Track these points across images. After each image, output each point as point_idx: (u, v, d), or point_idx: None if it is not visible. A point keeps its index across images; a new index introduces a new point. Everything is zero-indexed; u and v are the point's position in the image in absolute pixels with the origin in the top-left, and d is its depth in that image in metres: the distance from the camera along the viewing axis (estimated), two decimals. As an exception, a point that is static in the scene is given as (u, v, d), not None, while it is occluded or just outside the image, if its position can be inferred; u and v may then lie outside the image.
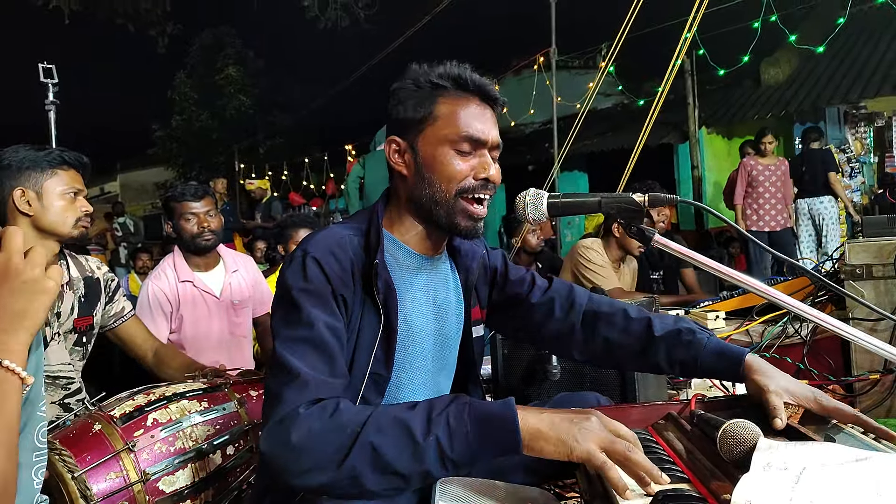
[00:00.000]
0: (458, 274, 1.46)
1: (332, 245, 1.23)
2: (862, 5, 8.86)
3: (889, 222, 2.58)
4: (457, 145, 1.27)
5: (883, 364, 2.30)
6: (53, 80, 3.58)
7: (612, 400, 1.61)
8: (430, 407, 1.04)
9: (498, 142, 1.32)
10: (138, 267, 7.75)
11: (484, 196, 1.30)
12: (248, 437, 1.65)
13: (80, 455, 1.39)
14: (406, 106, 1.30)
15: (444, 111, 1.28)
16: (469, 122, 1.27)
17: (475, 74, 1.30)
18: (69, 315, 2.02)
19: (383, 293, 1.24)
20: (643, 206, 1.28)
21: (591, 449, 0.96)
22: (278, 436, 1.04)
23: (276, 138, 19.16)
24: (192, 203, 2.73)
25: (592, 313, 1.48)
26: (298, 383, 1.08)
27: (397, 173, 1.33)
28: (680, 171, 10.97)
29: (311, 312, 1.16)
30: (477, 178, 1.28)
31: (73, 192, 1.96)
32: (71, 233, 1.95)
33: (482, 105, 1.31)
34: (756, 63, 10.18)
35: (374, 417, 1.03)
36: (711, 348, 1.35)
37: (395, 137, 1.32)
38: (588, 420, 1.00)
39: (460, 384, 1.51)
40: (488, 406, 1.03)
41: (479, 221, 1.31)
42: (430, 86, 1.29)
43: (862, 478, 0.86)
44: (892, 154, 9.63)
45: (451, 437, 0.99)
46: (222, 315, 2.82)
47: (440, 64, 1.30)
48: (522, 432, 1.00)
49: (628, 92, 11.20)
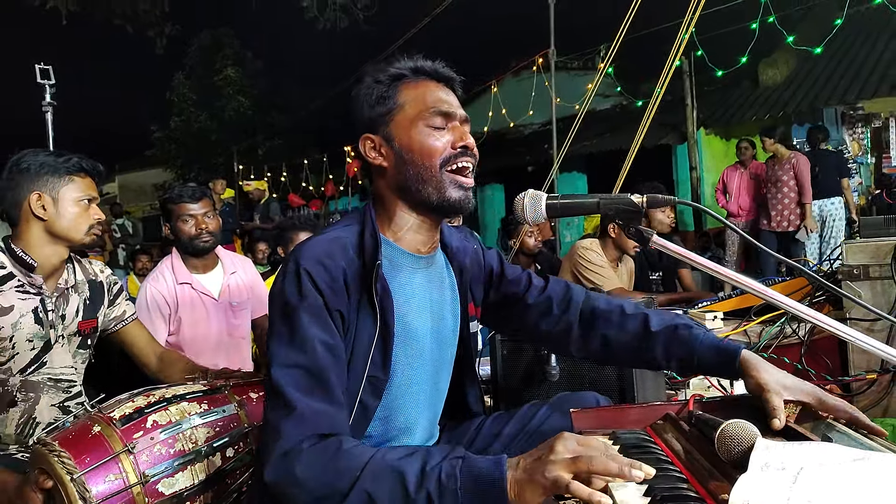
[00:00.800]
0: (452, 271, 1.46)
1: (322, 255, 1.23)
2: (859, 6, 8.87)
3: (886, 223, 2.60)
4: (428, 121, 1.30)
5: (880, 364, 2.31)
6: (51, 80, 3.57)
7: (611, 400, 1.61)
8: (426, 459, 1.05)
9: (466, 116, 1.36)
10: (137, 269, 7.74)
11: (467, 164, 1.32)
12: (247, 439, 1.64)
13: (79, 457, 1.39)
14: (371, 102, 1.33)
15: (408, 96, 1.32)
16: (434, 99, 1.32)
17: (428, 61, 1.36)
18: (74, 318, 2.02)
19: (380, 296, 1.24)
20: (641, 207, 1.29)
21: (556, 478, 0.96)
22: (283, 470, 1.08)
23: (275, 139, 19.13)
24: (190, 205, 2.73)
25: (590, 311, 1.50)
26: (296, 416, 1.10)
27: (377, 169, 1.35)
28: (678, 172, 10.98)
29: (308, 332, 1.17)
30: (454, 147, 1.31)
31: (87, 199, 1.98)
32: (83, 239, 1.97)
33: (441, 86, 1.36)
34: (754, 64, 10.19)
35: (372, 464, 1.05)
36: (708, 343, 1.36)
37: (367, 135, 1.34)
38: (553, 452, 0.99)
39: (457, 382, 1.51)
40: (480, 464, 1.03)
41: (469, 191, 1.33)
42: (390, 78, 1.34)
43: (859, 478, 0.87)
44: (889, 155, 9.65)
45: (441, 494, 1.01)
46: (221, 317, 2.82)
47: (393, 60, 1.36)
48: (509, 489, 1.00)
49: (627, 93, 11.20)
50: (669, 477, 1.01)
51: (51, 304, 1.95)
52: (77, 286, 2.05)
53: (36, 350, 1.92)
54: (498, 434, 1.48)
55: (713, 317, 2.77)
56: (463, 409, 1.56)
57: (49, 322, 1.94)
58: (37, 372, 1.93)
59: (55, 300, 1.97)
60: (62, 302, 1.99)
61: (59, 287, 1.99)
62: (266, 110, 19.46)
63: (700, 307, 2.98)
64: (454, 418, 1.56)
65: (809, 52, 8.70)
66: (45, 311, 1.93)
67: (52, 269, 1.97)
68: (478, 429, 1.52)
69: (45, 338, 1.93)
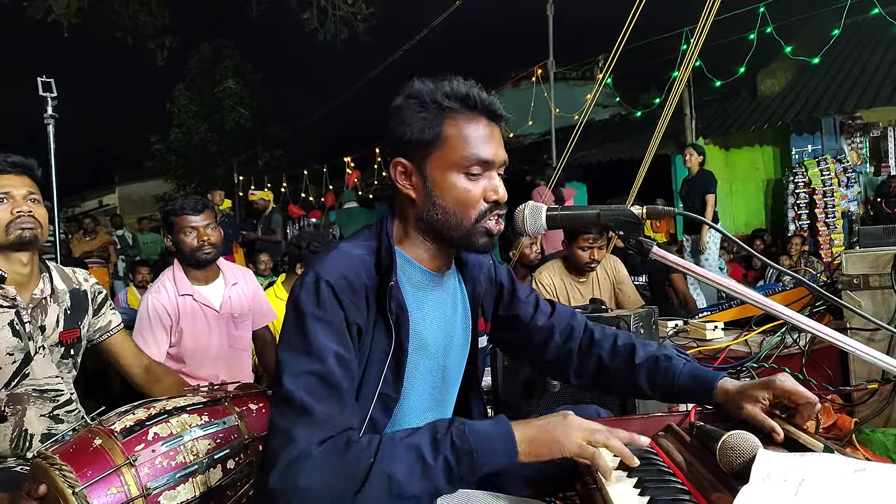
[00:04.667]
0: (465, 286, 1.46)
1: (345, 268, 1.21)
2: (856, 17, 8.92)
3: (885, 233, 2.60)
4: (468, 169, 1.25)
5: (881, 374, 2.31)
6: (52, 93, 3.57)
7: (612, 412, 1.62)
8: (434, 430, 1.09)
9: (505, 159, 1.32)
10: (137, 280, 7.72)
11: (498, 216, 1.30)
12: (248, 451, 1.64)
13: (81, 470, 1.39)
14: (412, 127, 1.26)
15: (452, 133, 1.25)
16: (479, 145, 1.25)
17: (482, 93, 1.28)
18: (55, 328, 1.98)
19: (395, 314, 1.24)
20: (641, 218, 1.30)
21: (580, 443, 1.06)
22: (291, 476, 1.04)
23: (276, 150, 19.18)
24: (192, 217, 2.72)
25: (588, 340, 1.53)
26: (310, 421, 1.08)
27: (405, 195, 1.30)
28: (677, 182, 10.99)
29: (322, 343, 1.14)
30: (488, 200, 1.28)
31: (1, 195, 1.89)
32: (8, 238, 1.88)
33: (490, 124, 1.29)
34: (752, 74, 10.24)
35: (384, 446, 1.06)
36: (686, 373, 1.40)
37: (401, 160, 1.28)
38: (567, 419, 1.10)
39: (462, 398, 1.51)
40: (484, 425, 1.10)
41: (496, 237, 1.32)
42: (437, 106, 1.25)
43: (860, 489, 0.87)
44: (887, 164, 9.68)
45: (457, 456, 1.05)
46: (222, 328, 2.82)
47: (445, 80, 1.27)
48: (519, 443, 1.07)
49: (626, 103, 11.25)
50: (671, 488, 1.01)
51: (27, 316, 1.91)
52: (56, 296, 2.02)
53: (17, 363, 1.89)
54: None
55: (713, 327, 2.77)
56: None
57: (27, 334, 1.90)
58: (21, 384, 1.90)
59: (31, 311, 1.93)
60: (39, 313, 1.96)
61: (34, 298, 1.95)
62: (266, 121, 19.51)
63: (700, 317, 2.98)
64: None
65: (807, 62, 8.75)
66: (22, 322, 1.90)
67: (22, 279, 1.93)
68: None
69: (25, 349, 1.90)
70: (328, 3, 11.97)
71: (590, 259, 3.49)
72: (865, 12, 7.60)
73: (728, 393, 1.30)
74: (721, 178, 9.68)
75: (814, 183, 9.58)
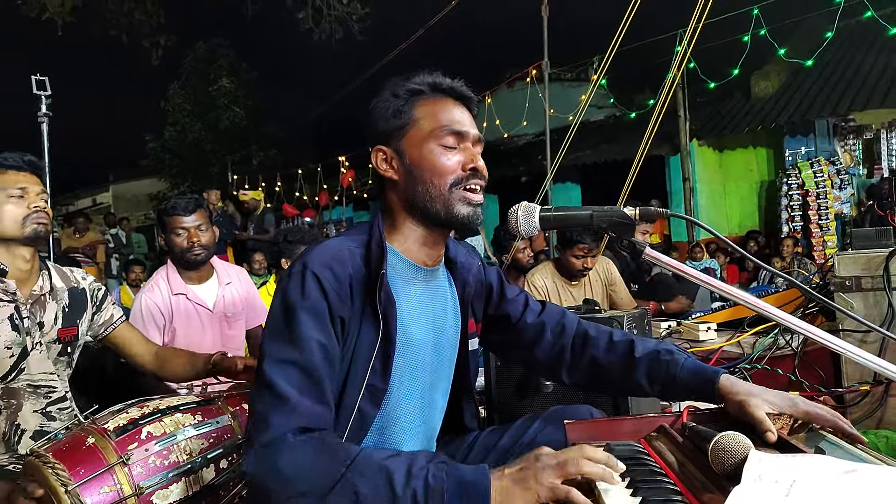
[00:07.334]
0: (455, 286, 1.47)
1: (331, 259, 1.24)
2: (849, 19, 8.96)
3: (878, 235, 2.61)
4: (441, 140, 1.31)
5: (873, 375, 2.32)
6: (46, 91, 3.56)
7: (605, 413, 1.62)
8: (412, 460, 1.06)
9: (479, 136, 1.37)
10: (130, 279, 7.70)
11: (476, 186, 1.33)
12: (241, 450, 1.64)
13: (74, 468, 1.39)
14: (387, 115, 1.34)
15: (424, 112, 1.33)
16: (449, 118, 1.33)
17: (448, 78, 1.36)
18: (53, 325, 2.01)
19: (384, 304, 1.25)
20: (634, 219, 1.30)
21: (550, 485, 1.00)
22: (265, 460, 1.06)
23: (270, 150, 19.15)
24: (183, 217, 2.71)
25: (581, 338, 1.53)
26: (286, 408, 1.10)
27: (388, 181, 1.36)
28: (672, 183, 11.04)
29: (305, 331, 1.17)
30: (465, 169, 1.32)
31: (17, 190, 1.93)
32: (24, 232, 1.93)
33: (458, 104, 1.37)
34: (746, 76, 10.28)
35: (358, 461, 1.05)
36: (688, 369, 1.40)
37: (380, 147, 1.36)
38: (538, 461, 1.04)
39: (454, 398, 1.52)
40: (465, 470, 1.05)
41: (478, 207, 1.34)
42: (407, 93, 1.34)
43: (851, 490, 0.88)
44: (880, 166, 9.72)
45: (427, 494, 1.02)
46: (215, 328, 2.82)
47: (414, 74, 1.36)
48: (493, 498, 1.02)
49: (620, 104, 11.27)
50: (663, 489, 1.01)
51: (26, 311, 1.94)
52: (55, 293, 2.04)
53: (14, 357, 1.91)
54: (492, 447, 1.49)
55: (706, 328, 2.78)
56: (458, 426, 1.57)
57: (25, 329, 1.93)
58: (17, 379, 1.92)
59: (30, 307, 1.96)
60: (38, 309, 1.98)
61: (33, 294, 1.98)
62: (261, 120, 19.48)
63: (693, 318, 2.99)
64: (448, 434, 1.56)
65: (801, 64, 8.78)
66: (21, 317, 1.93)
67: (22, 275, 1.96)
68: (472, 443, 1.53)
69: (22, 344, 1.92)
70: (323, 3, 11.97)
71: (583, 267, 3.51)
72: (858, 15, 7.63)
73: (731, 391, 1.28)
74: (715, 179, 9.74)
75: (807, 185, 9.63)
